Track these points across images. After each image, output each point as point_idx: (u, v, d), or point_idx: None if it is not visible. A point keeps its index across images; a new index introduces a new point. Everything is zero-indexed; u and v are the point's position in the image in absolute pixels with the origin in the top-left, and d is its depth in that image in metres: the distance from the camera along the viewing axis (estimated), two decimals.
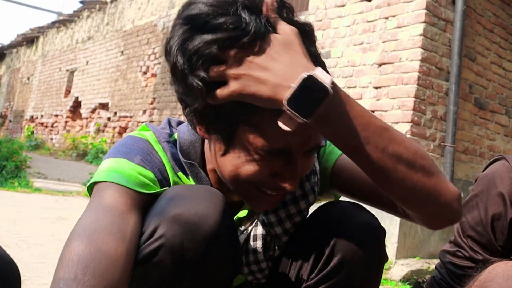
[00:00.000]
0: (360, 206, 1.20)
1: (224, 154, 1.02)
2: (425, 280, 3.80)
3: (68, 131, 12.33)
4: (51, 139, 13.22)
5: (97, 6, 11.93)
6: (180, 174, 1.12)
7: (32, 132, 14.31)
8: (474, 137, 4.77)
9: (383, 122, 0.97)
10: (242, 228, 1.22)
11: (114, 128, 10.03)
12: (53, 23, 14.86)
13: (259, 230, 1.21)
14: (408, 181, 0.96)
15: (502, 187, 1.35)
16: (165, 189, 1.06)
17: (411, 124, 4.17)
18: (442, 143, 4.39)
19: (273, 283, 1.26)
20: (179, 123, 1.22)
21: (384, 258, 1.17)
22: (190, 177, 1.13)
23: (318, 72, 0.88)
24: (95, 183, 1.05)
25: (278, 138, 0.95)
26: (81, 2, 12.47)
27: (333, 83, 0.89)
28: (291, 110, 0.87)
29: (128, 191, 1.01)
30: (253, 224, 1.22)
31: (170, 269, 0.97)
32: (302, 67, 0.89)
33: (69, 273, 0.86)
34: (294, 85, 0.86)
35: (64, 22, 14.04)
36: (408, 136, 4.15)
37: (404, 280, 3.77)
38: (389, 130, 0.96)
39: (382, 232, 1.17)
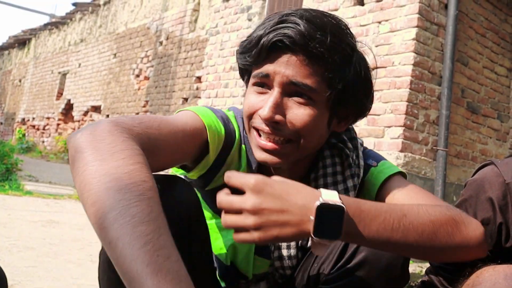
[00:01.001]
0: None
1: (244, 95, 1.23)
2: (416, 283, 3.80)
3: (60, 133, 12.28)
4: (43, 141, 13.15)
5: (90, 9, 11.90)
6: (243, 146, 1.27)
7: (24, 135, 14.24)
8: (467, 141, 4.79)
9: (398, 206, 1.05)
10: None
11: None
12: (46, 25, 14.82)
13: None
14: (435, 247, 1.07)
15: (491, 192, 1.35)
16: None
17: (403, 128, 4.18)
18: (434, 147, 4.40)
19: (296, 275, 1.30)
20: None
21: (406, 274, 1.23)
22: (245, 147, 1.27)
23: (325, 195, 0.95)
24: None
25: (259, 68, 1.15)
26: (73, 5, 12.44)
27: (340, 197, 0.96)
28: (320, 239, 0.94)
29: (203, 127, 1.16)
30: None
31: None
32: (310, 197, 0.95)
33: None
34: (312, 217, 0.93)
35: (57, 24, 13.99)
36: (401, 140, 4.16)
37: None
38: (407, 214, 1.04)
39: (405, 277, 1.25)
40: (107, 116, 9.99)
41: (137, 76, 9.23)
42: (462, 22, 4.63)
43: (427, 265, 1.58)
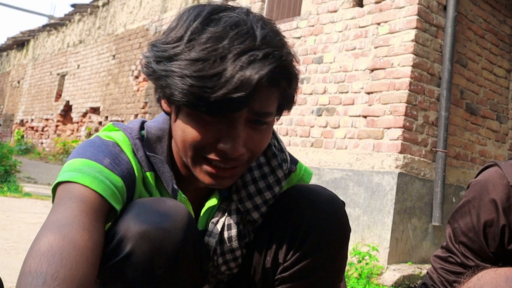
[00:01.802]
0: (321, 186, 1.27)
1: (175, 120, 1.07)
2: (416, 285, 3.79)
3: (58, 135, 12.27)
4: (42, 143, 13.14)
5: (89, 10, 11.89)
6: (148, 174, 1.13)
7: (22, 136, 14.22)
8: (466, 143, 4.79)
9: None
10: (215, 219, 1.23)
11: None
12: (44, 26, 14.80)
13: (233, 218, 1.23)
14: None
15: (494, 194, 1.35)
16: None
17: (402, 129, 4.17)
18: (433, 149, 4.40)
19: (245, 271, 1.27)
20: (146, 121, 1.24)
21: (349, 228, 1.23)
22: (153, 173, 1.14)
23: None
24: (59, 183, 1.03)
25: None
26: (72, 6, 12.42)
27: None
28: None
29: (92, 194, 1.00)
30: (225, 214, 1.24)
31: (139, 285, 0.98)
32: None
33: (39, 265, 0.84)
34: None
35: (55, 25, 13.98)
36: (400, 141, 4.16)
37: (396, 285, 3.77)
38: None
39: (343, 204, 1.24)
40: (106, 117, 9.99)
41: (136, 77, 9.23)
42: (461, 24, 4.64)
43: (427, 266, 1.57)
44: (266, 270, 1.23)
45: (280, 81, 1.03)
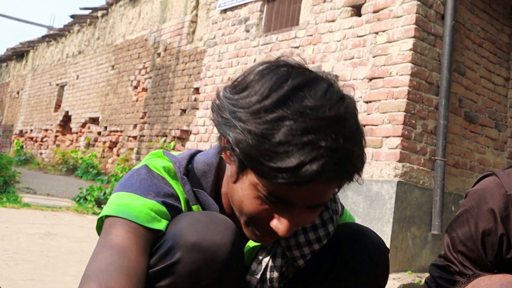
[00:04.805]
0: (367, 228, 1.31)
1: (235, 182, 1.06)
2: None
3: (58, 145, 12.27)
4: (41, 153, 13.13)
5: (88, 21, 11.94)
6: (194, 207, 1.15)
7: (22, 147, 14.21)
8: (465, 151, 4.79)
9: None
10: (260, 257, 1.26)
11: (104, 142, 9.99)
12: (44, 37, 14.85)
13: (278, 261, 1.26)
14: None
15: (492, 203, 1.35)
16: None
17: (401, 138, 4.18)
18: (432, 157, 4.40)
19: None
20: (198, 152, 1.25)
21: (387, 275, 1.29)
22: (199, 206, 1.16)
23: None
24: (105, 216, 1.08)
25: (281, 188, 0.97)
26: (71, 17, 12.47)
27: None
28: None
29: (138, 228, 1.03)
30: (270, 255, 1.26)
31: None
32: None
33: None
34: None
35: (55, 36, 14.02)
36: (399, 150, 4.16)
37: None
38: None
39: (388, 251, 1.28)
40: (105, 128, 9.99)
41: (135, 87, 9.25)
42: (459, 32, 4.65)
43: (427, 275, 1.57)
44: None
45: (348, 179, 1.02)
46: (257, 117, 0.95)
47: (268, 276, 1.25)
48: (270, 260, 1.25)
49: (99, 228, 1.10)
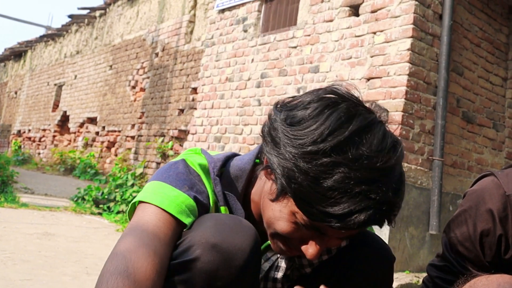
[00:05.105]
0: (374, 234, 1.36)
1: (272, 201, 1.07)
2: None
3: (56, 145, 12.25)
4: (39, 153, 13.11)
5: (86, 21, 11.92)
6: (222, 208, 1.19)
7: (19, 147, 14.19)
8: (462, 151, 4.79)
9: None
10: (269, 255, 1.28)
11: (102, 142, 9.97)
12: (41, 37, 14.82)
13: (284, 263, 1.28)
14: None
15: (491, 204, 1.35)
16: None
17: (399, 138, 4.17)
18: (430, 157, 4.40)
19: None
20: (234, 155, 1.28)
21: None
22: (227, 208, 1.20)
23: None
24: (138, 202, 1.12)
25: (322, 225, 1.01)
26: (69, 16, 12.45)
27: None
28: None
29: (168, 218, 1.07)
30: (277, 255, 1.28)
31: None
32: None
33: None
34: None
35: (53, 36, 14.00)
36: None
37: None
38: None
39: (394, 259, 1.32)
40: (103, 127, 9.98)
41: (133, 87, 9.23)
42: (457, 32, 4.66)
43: (425, 274, 1.57)
44: None
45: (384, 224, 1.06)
46: (313, 158, 0.96)
47: (272, 275, 1.27)
48: (277, 260, 1.28)
49: (131, 212, 1.15)
